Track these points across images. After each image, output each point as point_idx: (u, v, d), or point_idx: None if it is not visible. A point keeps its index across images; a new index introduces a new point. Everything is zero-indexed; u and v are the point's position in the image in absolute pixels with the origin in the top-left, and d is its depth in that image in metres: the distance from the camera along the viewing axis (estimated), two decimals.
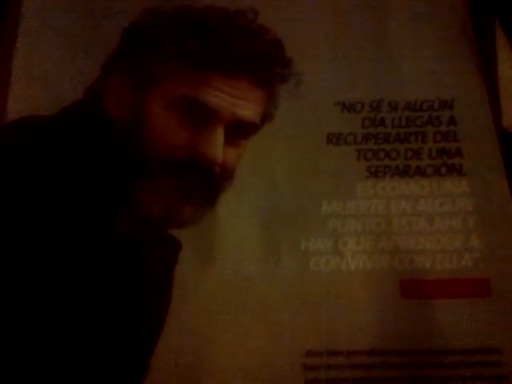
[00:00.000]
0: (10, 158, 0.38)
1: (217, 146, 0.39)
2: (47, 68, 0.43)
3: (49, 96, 0.42)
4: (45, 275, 0.36)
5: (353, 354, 0.36)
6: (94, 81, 0.42)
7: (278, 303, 0.37)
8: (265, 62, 0.42)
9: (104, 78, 0.42)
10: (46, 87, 0.43)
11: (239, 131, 0.41)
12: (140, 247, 0.39)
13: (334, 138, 0.42)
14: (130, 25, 0.43)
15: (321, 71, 0.44)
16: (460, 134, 0.42)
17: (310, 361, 0.36)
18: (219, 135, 0.40)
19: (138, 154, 0.39)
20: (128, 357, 0.36)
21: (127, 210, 0.39)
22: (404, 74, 0.44)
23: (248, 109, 0.41)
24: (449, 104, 0.43)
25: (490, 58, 0.46)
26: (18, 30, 0.45)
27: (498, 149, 0.42)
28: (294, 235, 0.39)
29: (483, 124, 0.43)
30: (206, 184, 0.40)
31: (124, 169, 0.39)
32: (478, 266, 0.38)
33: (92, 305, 0.36)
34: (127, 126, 0.40)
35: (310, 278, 0.38)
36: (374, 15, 0.46)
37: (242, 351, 0.36)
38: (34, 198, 0.37)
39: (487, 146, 0.42)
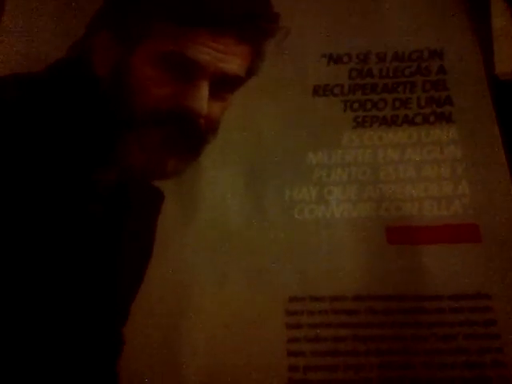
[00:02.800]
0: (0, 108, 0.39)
1: (201, 99, 0.39)
2: (33, 27, 0.44)
3: (35, 54, 0.42)
4: (29, 225, 0.36)
5: (336, 299, 0.35)
6: (78, 39, 0.42)
7: (262, 251, 0.37)
8: (251, 18, 0.42)
9: (89, 36, 0.42)
10: (33, 46, 0.43)
11: (224, 85, 0.41)
12: (124, 197, 0.38)
13: (321, 90, 0.42)
14: None
15: (307, 25, 0.44)
16: (450, 82, 0.41)
17: (293, 306, 0.35)
18: (204, 89, 0.39)
19: (124, 108, 0.39)
20: (108, 304, 0.36)
21: (113, 160, 0.39)
22: (392, 25, 0.44)
23: (233, 63, 0.41)
24: (438, 54, 0.42)
25: (482, 8, 0.45)
26: None
27: (489, 96, 0.41)
28: (278, 185, 0.39)
29: (473, 73, 0.42)
30: (191, 136, 0.40)
31: (110, 121, 0.39)
32: (467, 212, 0.37)
33: (75, 253, 0.36)
34: (113, 81, 0.40)
35: (294, 226, 0.37)
36: None
37: (223, 298, 0.35)
38: (23, 149, 0.38)
39: (477, 93, 0.41)
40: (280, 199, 0.38)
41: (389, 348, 0.34)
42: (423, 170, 0.39)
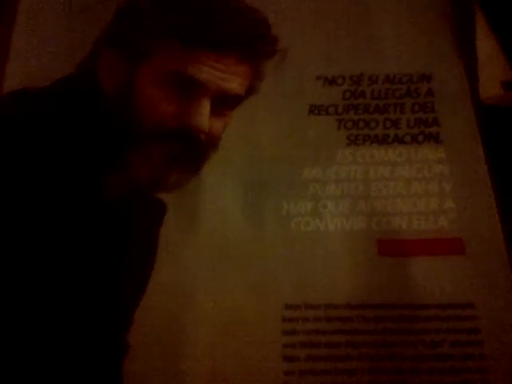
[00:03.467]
0: (7, 125, 0.40)
1: (203, 117, 0.41)
2: (43, 44, 0.45)
3: (44, 70, 0.44)
4: (37, 235, 0.38)
5: (330, 307, 0.37)
6: (86, 56, 0.44)
7: (259, 262, 0.39)
8: (251, 40, 0.44)
9: (96, 53, 0.44)
10: (42, 62, 0.45)
11: (225, 103, 0.43)
12: (127, 209, 0.40)
13: (316, 109, 0.44)
14: (123, 3, 0.45)
15: (304, 47, 0.46)
16: (437, 104, 0.44)
17: (289, 313, 0.37)
18: (205, 107, 0.41)
19: (129, 123, 0.41)
20: (112, 311, 0.37)
21: (117, 174, 0.41)
22: (384, 49, 0.46)
23: (234, 82, 0.43)
24: (427, 77, 0.45)
25: (468, 34, 0.48)
26: (17, 8, 0.47)
27: (474, 119, 0.43)
28: (276, 199, 0.41)
29: (460, 96, 0.44)
30: (193, 152, 0.41)
31: (115, 136, 0.41)
32: (452, 226, 0.40)
33: (81, 261, 0.38)
34: (118, 98, 0.42)
35: (291, 238, 0.40)
36: None
37: (222, 307, 0.37)
38: (29, 164, 0.39)
39: (463, 115, 0.43)
40: (277, 212, 0.40)
41: (379, 353, 0.36)
42: (412, 187, 0.41)
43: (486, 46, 0.48)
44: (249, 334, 0.37)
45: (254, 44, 0.44)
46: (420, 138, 0.43)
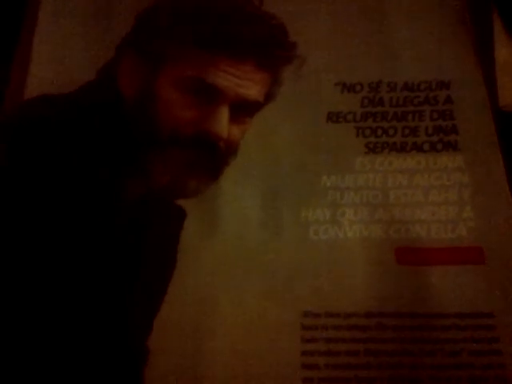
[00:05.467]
0: (28, 130, 0.41)
1: (222, 124, 0.41)
2: (64, 50, 0.46)
3: (65, 77, 0.45)
4: (56, 242, 0.38)
5: (349, 315, 0.37)
6: (107, 62, 0.45)
7: (278, 269, 0.39)
8: (269, 47, 0.44)
9: (117, 59, 0.45)
10: (63, 68, 0.45)
11: (243, 110, 0.43)
12: (148, 215, 0.41)
13: (334, 116, 0.44)
14: (144, 10, 0.46)
15: (322, 54, 0.47)
16: (456, 112, 0.44)
17: (308, 321, 0.37)
18: (224, 113, 0.42)
19: (149, 129, 0.41)
20: (133, 317, 0.38)
21: (137, 180, 0.41)
22: (402, 56, 0.46)
23: (252, 89, 0.43)
24: (446, 84, 0.45)
25: (487, 41, 0.47)
26: (38, 16, 0.47)
27: (493, 126, 0.43)
28: (294, 206, 0.41)
29: (478, 103, 0.44)
30: (212, 158, 0.42)
31: (135, 142, 0.41)
32: (471, 235, 0.40)
33: (99, 266, 0.38)
34: (138, 103, 0.42)
35: (309, 245, 0.40)
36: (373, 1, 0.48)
37: (241, 313, 0.37)
38: (51, 168, 0.40)
39: (482, 123, 0.43)
40: (296, 219, 0.41)
41: (398, 362, 0.36)
42: (430, 195, 0.41)
43: (504, 52, 0.47)
44: (267, 341, 0.37)
45: (272, 50, 0.44)
46: (439, 146, 0.43)
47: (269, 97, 0.44)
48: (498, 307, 0.37)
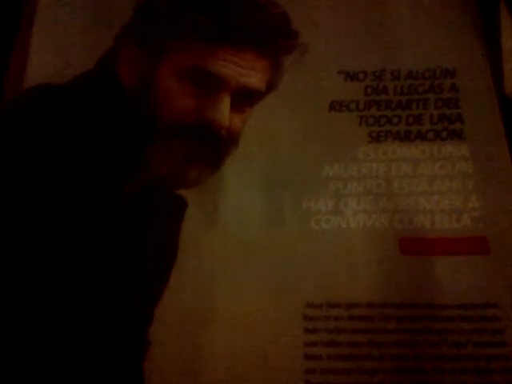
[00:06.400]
0: (28, 120, 0.40)
1: (223, 112, 0.41)
2: (63, 40, 0.46)
3: (64, 66, 0.44)
4: (57, 231, 0.38)
5: (351, 306, 0.37)
6: (106, 51, 0.44)
7: (279, 260, 0.39)
8: (271, 35, 0.44)
9: (116, 49, 0.44)
10: (62, 58, 0.45)
11: (245, 98, 0.42)
12: (148, 205, 0.40)
13: (337, 105, 0.44)
14: (142, 0, 0.45)
15: (325, 43, 0.46)
16: (461, 100, 0.43)
17: (310, 312, 0.37)
18: (226, 102, 0.41)
19: (149, 119, 0.41)
20: (135, 307, 0.38)
21: (138, 170, 0.41)
22: (406, 44, 0.46)
23: (254, 78, 0.42)
24: (450, 72, 0.44)
25: (493, 29, 0.47)
26: (37, 6, 0.47)
27: (499, 114, 0.43)
28: (296, 196, 0.41)
29: (484, 91, 0.44)
30: (213, 147, 0.41)
31: (136, 132, 0.41)
32: (476, 225, 0.39)
33: (102, 259, 0.38)
34: (139, 93, 0.42)
35: (311, 235, 0.39)
36: None
37: (242, 301, 0.37)
38: (51, 157, 0.39)
39: (487, 112, 0.43)
40: (297, 209, 0.40)
41: (401, 353, 0.36)
42: (435, 184, 0.41)
43: (510, 40, 0.47)
44: (270, 332, 0.37)
45: (273, 38, 0.44)
46: (443, 134, 0.42)
47: (270, 86, 0.43)
48: (503, 298, 0.37)
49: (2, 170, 0.39)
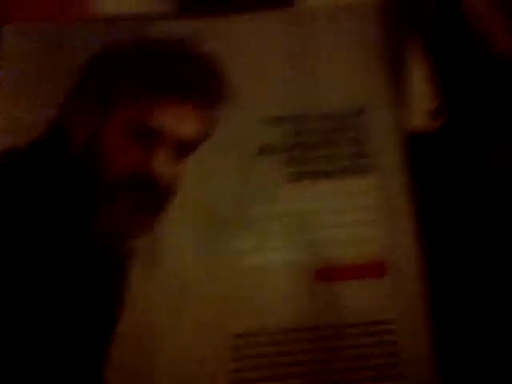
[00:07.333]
0: None
1: (162, 164, 0.47)
2: (14, 112, 0.50)
3: (18, 128, 0.49)
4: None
5: (272, 333, 0.44)
6: (55, 117, 0.49)
7: (211, 299, 0.45)
8: (206, 89, 0.49)
9: (64, 115, 0.50)
10: (15, 120, 0.50)
11: (183, 149, 0.48)
12: (96, 258, 0.46)
13: (263, 149, 0.49)
14: (86, 61, 0.51)
15: (251, 90, 0.51)
16: (369, 137, 0.49)
17: (237, 342, 0.44)
18: (164, 154, 0.47)
19: (97, 175, 0.47)
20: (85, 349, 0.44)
21: (89, 225, 0.47)
22: (321, 88, 0.51)
23: (190, 128, 0.48)
24: (359, 112, 0.50)
25: (402, 71, 0.52)
26: None
27: (402, 150, 0.48)
28: (227, 237, 0.47)
29: (390, 128, 0.49)
30: (155, 198, 0.47)
31: (83, 189, 0.47)
32: (377, 251, 0.46)
33: (50, 313, 0.44)
34: (86, 155, 0.48)
35: (239, 273, 0.46)
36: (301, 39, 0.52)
37: (181, 344, 0.44)
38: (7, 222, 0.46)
39: (393, 146, 0.48)
40: (228, 250, 0.47)
41: (317, 369, 0.43)
42: (343, 217, 0.47)
43: (416, 78, 0.52)
44: (201, 365, 0.44)
45: (210, 90, 0.49)
46: (351, 170, 0.48)
47: (205, 135, 0.49)
48: (398, 313, 0.44)
49: None
